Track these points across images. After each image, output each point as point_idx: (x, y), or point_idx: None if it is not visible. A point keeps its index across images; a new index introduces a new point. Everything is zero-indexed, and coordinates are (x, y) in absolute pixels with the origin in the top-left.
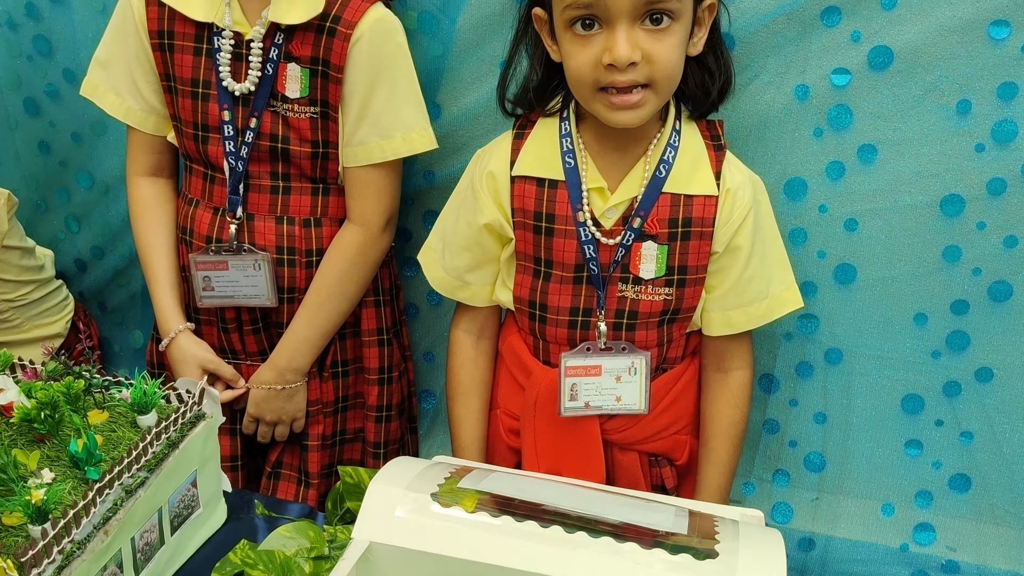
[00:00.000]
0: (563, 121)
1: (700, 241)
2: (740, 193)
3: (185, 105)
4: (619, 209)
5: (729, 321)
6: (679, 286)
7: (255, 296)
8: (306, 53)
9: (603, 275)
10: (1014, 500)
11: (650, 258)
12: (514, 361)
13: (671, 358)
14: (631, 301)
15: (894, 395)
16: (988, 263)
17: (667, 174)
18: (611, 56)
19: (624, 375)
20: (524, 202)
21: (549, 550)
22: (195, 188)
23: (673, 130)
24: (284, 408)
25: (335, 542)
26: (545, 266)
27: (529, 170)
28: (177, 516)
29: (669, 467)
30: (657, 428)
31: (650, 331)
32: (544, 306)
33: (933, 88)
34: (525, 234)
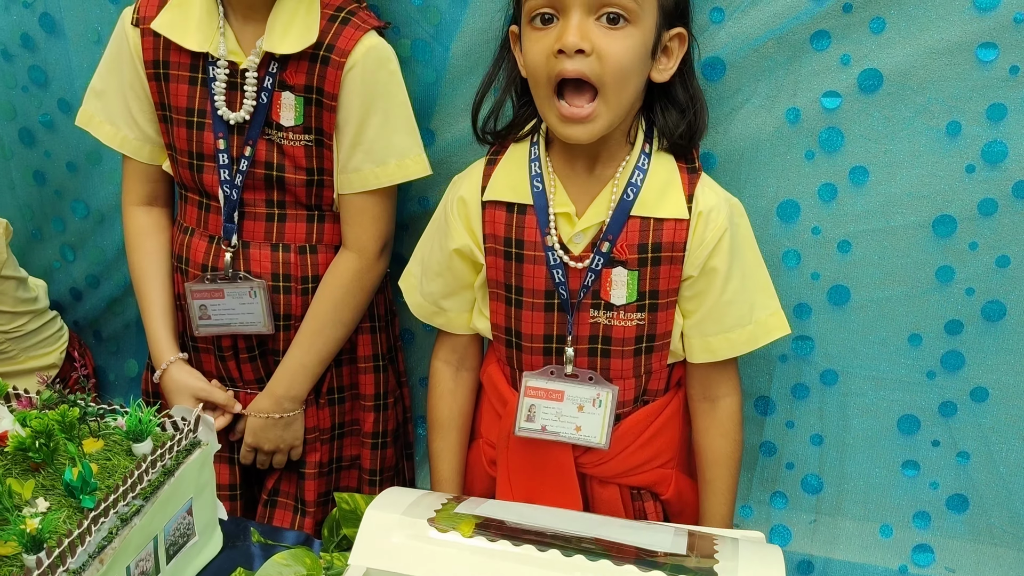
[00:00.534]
0: (533, 145)
1: (671, 266)
2: (714, 215)
3: (180, 134)
4: (587, 234)
5: (710, 348)
6: (651, 311)
7: (251, 324)
8: (300, 81)
9: (572, 301)
10: (1011, 520)
11: (620, 283)
12: (492, 391)
13: (652, 390)
14: (604, 327)
15: (890, 416)
16: (981, 283)
17: (635, 197)
18: (561, 42)
19: (587, 406)
20: (495, 227)
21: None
22: (190, 216)
23: (642, 153)
24: (282, 437)
25: (331, 569)
26: (516, 293)
27: (499, 195)
28: (173, 544)
29: (653, 501)
30: (638, 462)
31: (625, 360)
32: (519, 333)
33: (923, 110)
34: (496, 260)
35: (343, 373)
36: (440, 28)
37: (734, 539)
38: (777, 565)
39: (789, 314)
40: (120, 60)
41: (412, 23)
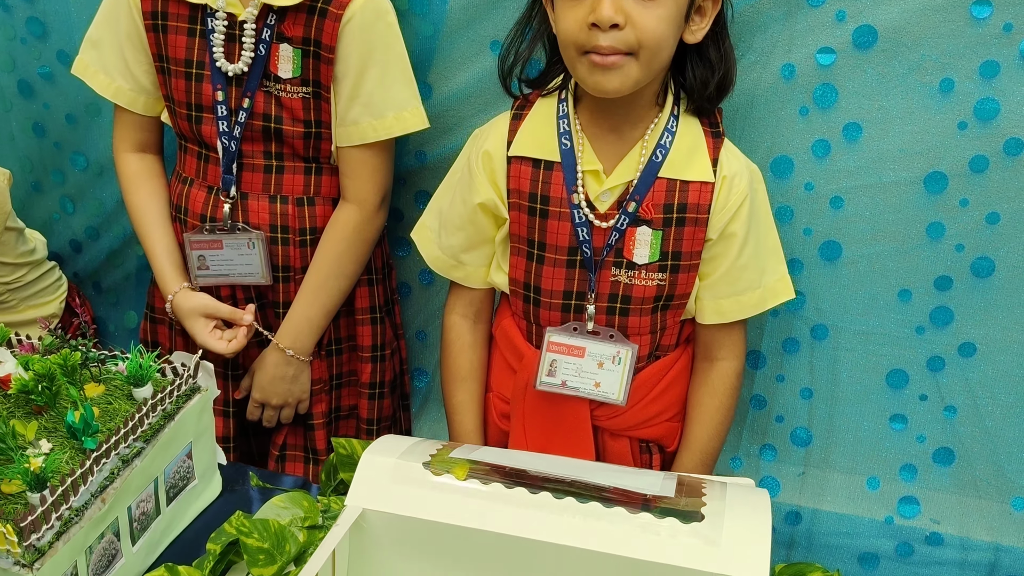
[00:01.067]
0: (561, 102)
1: (695, 227)
2: (737, 180)
3: (179, 86)
4: (614, 193)
5: (720, 310)
6: (672, 272)
7: (250, 275)
8: (298, 34)
9: (596, 259)
10: (996, 473)
11: (644, 243)
12: (507, 345)
13: (664, 345)
14: (624, 286)
15: (879, 370)
16: (971, 239)
17: (663, 159)
18: (595, 15)
19: (607, 363)
20: (520, 183)
21: (538, 515)
22: (189, 167)
23: (671, 115)
24: (290, 390)
25: (328, 512)
26: (539, 248)
27: (525, 151)
28: (173, 487)
29: (660, 454)
30: (649, 415)
31: (643, 317)
32: (538, 288)
33: (917, 67)
34: (520, 215)
35: (340, 325)
36: None
37: (723, 483)
38: (763, 508)
39: None
40: (117, 10)
41: None
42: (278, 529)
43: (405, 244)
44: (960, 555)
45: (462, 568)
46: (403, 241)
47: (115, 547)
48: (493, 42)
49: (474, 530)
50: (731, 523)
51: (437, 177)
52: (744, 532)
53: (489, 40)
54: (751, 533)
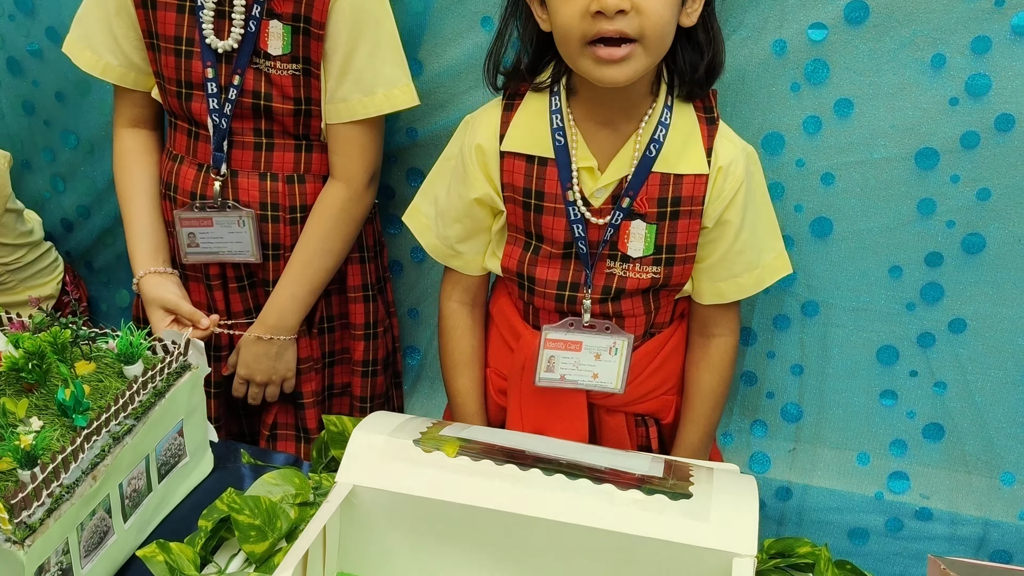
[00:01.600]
0: (553, 96)
1: (690, 220)
2: (732, 168)
3: (168, 63)
4: (608, 188)
5: (719, 292)
6: (667, 264)
7: (240, 252)
8: (288, 10)
9: (591, 252)
10: (985, 448)
11: (639, 236)
12: (504, 324)
13: (659, 323)
14: (618, 278)
15: (869, 346)
16: (962, 215)
17: (657, 153)
18: (600, 3)
19: (604, 354)
20: (513, 178)
21: (528, 491)
22: (180, 144)
23: (665, 107)
24: (274, 367)
25: (320, 489)
26: (536, 240)
27: (518, 146)
28: (164, 464)
29: (656, 427)
30: (644, 391)
31: (636, 298)
32: (532, 278)
33: (908, 42)
34: (515, 208)
35: (333, 303)
36: None
37: (709, 468)
38: (750, 487)
39: None
40: None
41: None
42: (269, 506)
43: (397, 222)
44: (949, 530)
45: (452, 543)
46: (395, 219)
47: (107, 524)
48: (484, 18)
49: (464, 506)
50: (719, 501)
51: (429, 154)
52: (732, 509)
53: (480, 16)
54: (739, 510)
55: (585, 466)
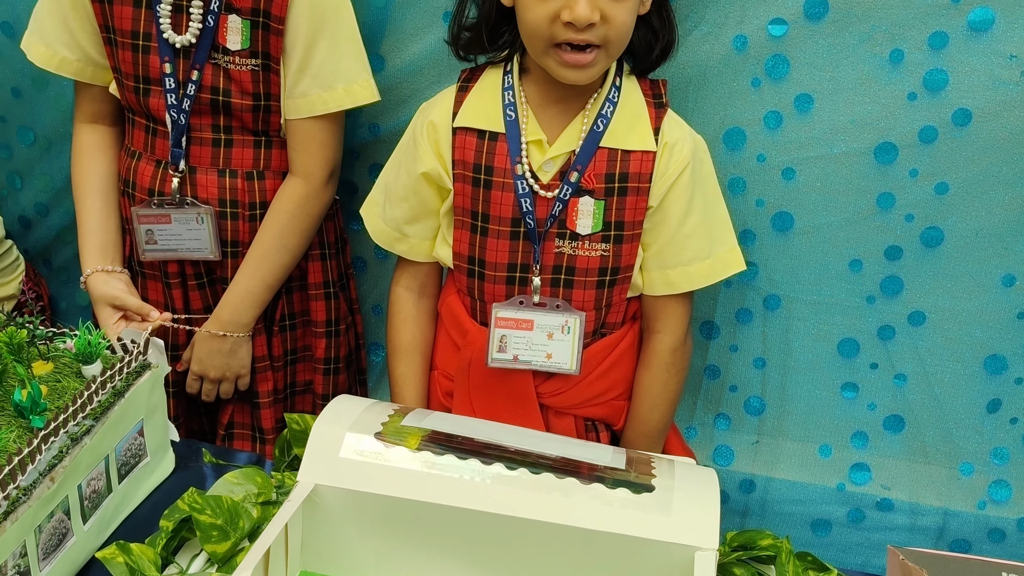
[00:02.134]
0: (506, 74)
1: (637, 196)
2: (678, 147)
3: (125, 57)
4: (556, 163)
5: (669, 280)
6: (616, 242)
7: (198, 250)
8: (247, 5)
9: (539, 230)
10: (945, 439)
11: (587, 213)
12: (452, 322)
13: (610, 323)
14: (568, 257)
15: (830, 339)
16: (920, 209)
17: (605, 129)
18: (571, 15)
19: (556, 333)
20: (464, 154)
21: (491, 487)
22: (137, 140)
23: (613, 86)
24: (228, 364)
25: (283, 488)
26: (482, 220)
27: (471, 122)
28: (124, 464)
29: (606, 432)
30: (594, 393)
31: (588, 291)
32: (483, 262)
33: (867, 38)
34: (464, 187)
35: (294, 300)
36: None
37: (670, 460)
38: (711, 480)
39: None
40: None
41: None
42: (231, 505)
43: (359, 218)
44: (910, 520)
45: (416, 541)
46: (357, 215)
47: (65, 526)
48: (445, 13)
49: (427, 503)
50: (681, 494)
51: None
52: (694, 501)
53: (441, 11)
54: (701, 503)
55: (548, 458)
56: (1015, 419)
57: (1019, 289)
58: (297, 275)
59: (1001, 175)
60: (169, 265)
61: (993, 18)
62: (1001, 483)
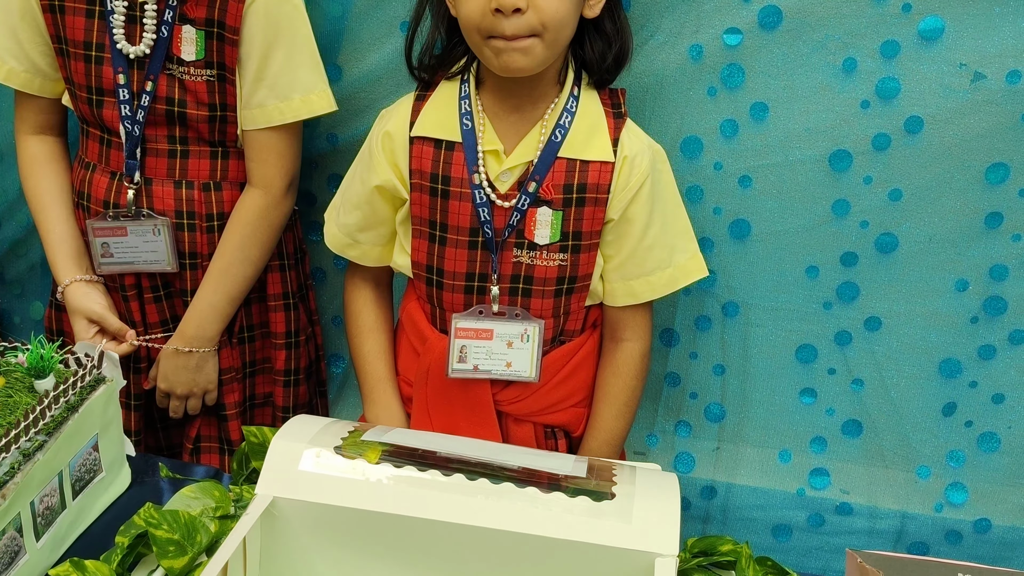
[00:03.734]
0: (463, 83)
1: (595, 207)
2: (638, 160)
3: (78, 68)
4: (514, 173)
5: (632, 291)
6: (573, 252)
7: (155, 262)
8: (201, 15)
9: (497, 240)
10: (902, 443)
11: (545, 223)
12: (412, 328)
13: (569, 331)
14: (526, 266)
15: (789, 345)
16: (875, 216)
17: (563, 139)
18: (497, 1)
19: (516, 341)
20: (421, 163)
21: (451, 497)
22: (92, 152)
23: (571, 96)
24: (195, 380)
25: (241, 501)
26: (440, 230)
27: (427, 131)
28: (79, 480)
29: (565, 439)
30: (553, 400)
31: (546, 299)
32: (441, 271)
33: (821, 46)
34: (421, 196)
35: (252, 312)
36: None
37: (632, 467)
38: (672, 487)
39: None
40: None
41: None
42: (188, 520)
43: (319, 228)
44: (869, 523)
45: (376, 553)
46: (316, 226)
47: (17, 543)
48: (403, 23)
49: (387, 514)
50: (641, 501)
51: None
52: (654, 509)
53: (399, 21)
54: (661, 510)
55: (509, 468)
56: (970, 422)
57: (972, 294)
58: (256, 286)
59: (953, 181)
60: (126, 278)
61: (943, 27)
62: (957, 486)
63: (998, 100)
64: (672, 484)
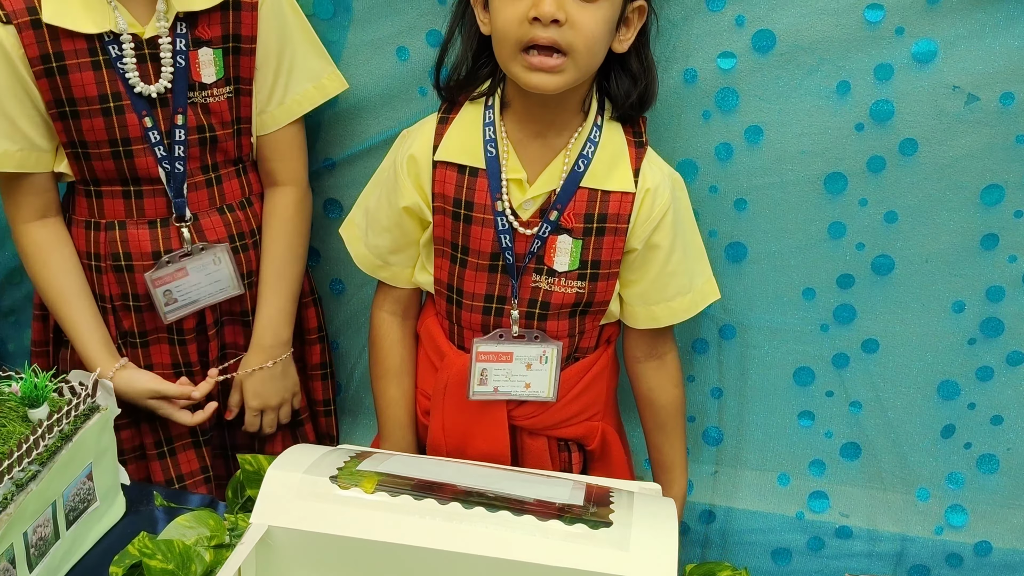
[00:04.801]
0: (487, 109)
1: (614, 237)
2: (660, 191)
3: (96, 126)
4: (537, 201)
5: (654, 316)
6: (592, 280)
7: (221, 291)
8: (216, 33)
9: (518, 265)
10: (901, 465)
11: (564, 251)
12: (430, 343)
13: (583, 348)
14: (544, 292)
15: (786, 367)
16: (871, 238)
17: (585, 169)
18: (537, 10)
19: (535, 363)
20: (444, 187)
21: (447, 526)
22: (114, 211)
23: (594, 125)
24: (284, 386)
25: (236, 530)
26: (462, 252)
27: (451, 156)
28: (73, 510)
29: (579, 452)
30: (568, 415)
31: (561, 321)
32: (460, 291)
33: (814, 70)
34: (444, 219)
35: None
36: None
37: (630, 492)
38: (670, 515)
39: None
40: None
41: None
42: (183, 549)
43: (315, 253)
44: (869, 547)
45: None
46: (313, 251)
47: (10, 575)
48: (399, 48)
49: (382, 543)
50: (639, 529)
51: (346, 184)
52: (651, 536)
53: (395, 46)
54: (658, 537)
55: (505, 497)
56: (969, 444)
57: (969, 315)
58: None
59: (948, 203)
60: (186, 322)
61: (936, 50)
62: (957, 508)
63: (992, 121)
64: (670, 510)
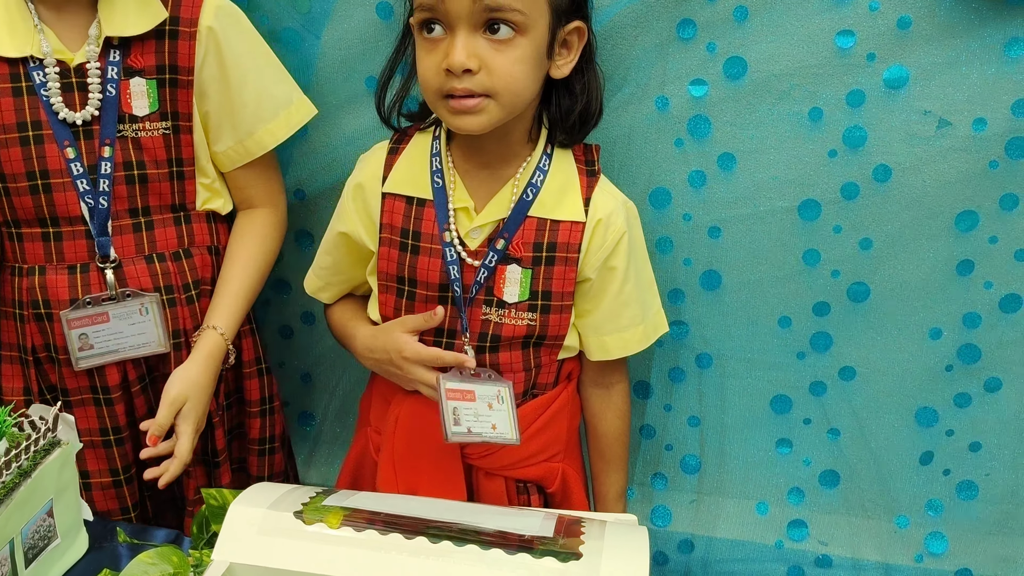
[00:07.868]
0: (435, 140)
1: (565, 267)
2: (613, 218)
3: (13, 156)
4: (484, 230)
5: (605, 347)
6: (543, 312)
7: (144, 344)
8: (150, 63)
9: (466, 296)
10: (881, 492)
11: (514, 281)
12: (383, 379)
13: (542, 383)
14: (494, 324)
15: (763, 396)
16: (846, 265)
17: (534, 197)
18: (447, 62)
19: (494, 403)
20: (392, 218)
21: (413, 561)
22: (33, 255)
23: (544, 154)
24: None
25: (200, 566)
26: (409, 285)
27: (399, 188)
28: (32, 547)
29: (538, 494)
30: (525, 454)
31: (514, 352)
32: None
33: (786, 96)
34: (389, 251)
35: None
36: (310, 18)
37: (602, 521)
38: (641, 546)
39: (664, 300)
40: None
41: (280, 11)
42: None
43: (285, 286)
44: (849, 575)
45: None
46: (283, 284)
47: None
48: (368, 78)
49: None
50: (609, 561)
51: (317, 216)
52: (622, 569)
53: (364, 76)
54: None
55: (473, 530)
56: (948, 470)
57: (946, 342)
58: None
59: (923, 229)
60: (109, 377)
61: (908, 75)
62: (937, 535)
63: (965, 147)
64: (642, 540)
